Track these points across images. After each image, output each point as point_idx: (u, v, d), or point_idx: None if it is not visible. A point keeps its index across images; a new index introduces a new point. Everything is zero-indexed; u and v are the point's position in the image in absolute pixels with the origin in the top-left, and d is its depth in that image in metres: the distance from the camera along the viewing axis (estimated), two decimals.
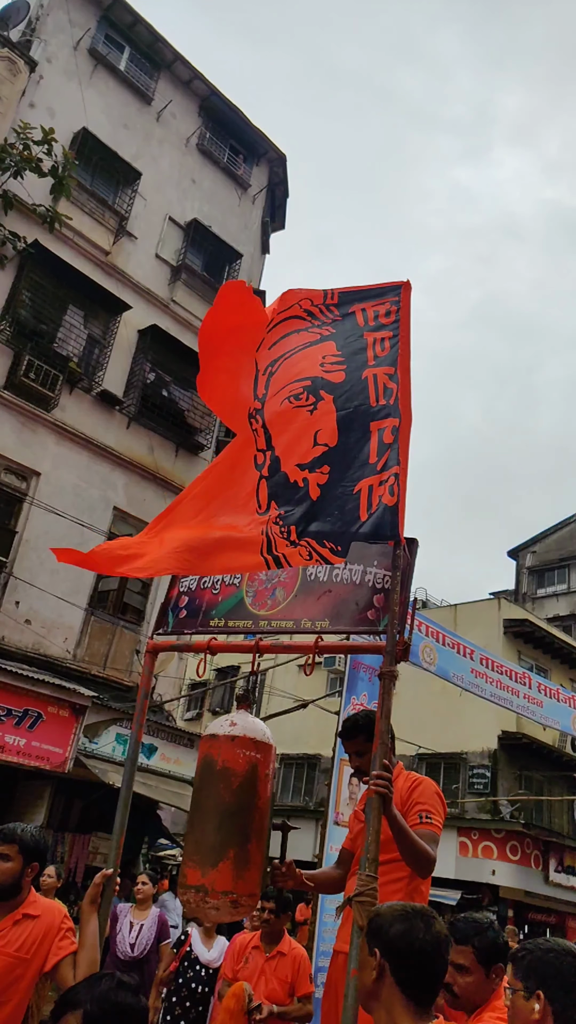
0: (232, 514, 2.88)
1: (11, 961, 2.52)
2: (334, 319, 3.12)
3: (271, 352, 3.13)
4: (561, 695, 12.99)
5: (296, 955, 4.35)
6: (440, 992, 1.78)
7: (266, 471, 2.87)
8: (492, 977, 2.55)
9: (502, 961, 2.59)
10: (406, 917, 1.78)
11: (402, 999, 1.68)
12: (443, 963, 1.73)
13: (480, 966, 2.53)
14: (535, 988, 1.79)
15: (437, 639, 10.87)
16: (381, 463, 2.65)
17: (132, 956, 5.49)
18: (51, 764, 10.17)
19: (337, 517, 2.64)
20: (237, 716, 2.92)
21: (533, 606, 27.86)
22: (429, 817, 2.79)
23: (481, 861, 17.41)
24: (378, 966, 1.74)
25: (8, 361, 11.49)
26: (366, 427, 2.74)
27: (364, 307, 3.07)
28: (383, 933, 1.78)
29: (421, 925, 1.75)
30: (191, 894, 2.65)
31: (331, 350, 2.99)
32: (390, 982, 1.70)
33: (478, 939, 2.54)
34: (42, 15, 13.18)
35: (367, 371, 2.88)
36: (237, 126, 16.09)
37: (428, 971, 1.71)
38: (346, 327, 3.06)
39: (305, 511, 2.70)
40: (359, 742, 3.01)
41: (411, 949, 1.71)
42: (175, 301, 14.24)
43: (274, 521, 2.71)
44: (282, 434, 2.91)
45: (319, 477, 2.74)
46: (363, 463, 2.68)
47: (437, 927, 1.76)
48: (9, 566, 11.09)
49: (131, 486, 12.93)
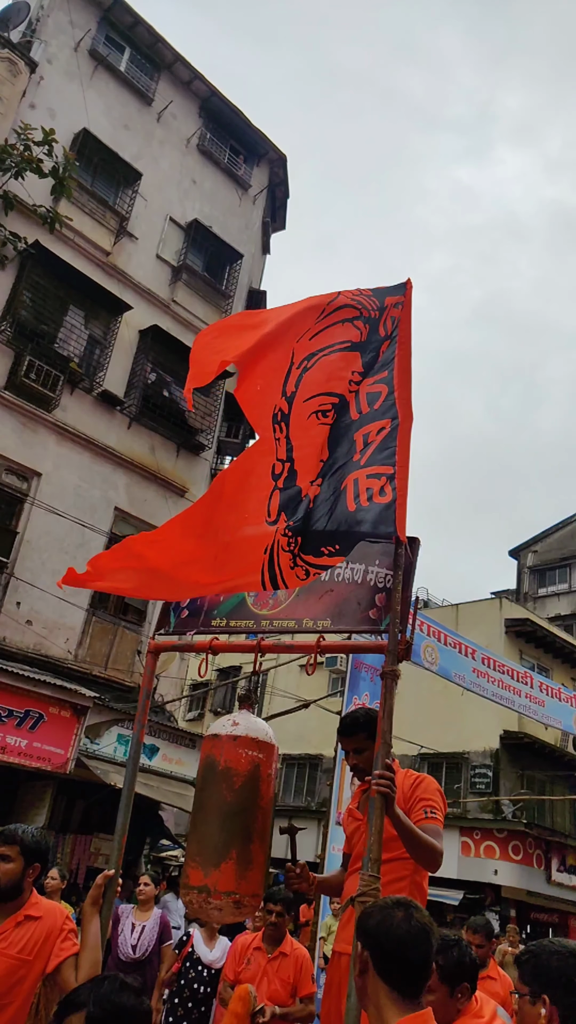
0: (242, 525, 2.83)
1: (13, 963, 2.51)
2: (372, 316, 3.03)
3: (311, 343, 3.02)
4: (563, 694, 13.00)
5: (298, 956, 4.35)
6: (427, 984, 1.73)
7: (281, 483, 2.84)
8: (457, 996, 2.49)
9: (468, 980, 2.51)
10: (384, 908, 1.76)
11: (386, 990, 1.66)
12: (425, 951, 1.68)
13: (443, 984, 2.47)
14: (540, 992, 1.77)
15: (439, 639, 10.89)
16: (364, 459, 2.70)
17: (134, 957, 5.47)
18: (53, 765, 10.16)
19: (330, 519, 2.66)
20: (239, 716, 2.91)
21: (535, 605, 27.84)
22: (433, 812, 2.78)
23: (483, 861, 17.39)
24: (362, 960, 1.72)
25: (9, 361, 11.50)
26: (351, 436, 2.80)
27: (386, 317, 3.00)
28: (363, 926, 1.77)
29: (399, 914, 1.71)
30: (194, 895, 2.64)
31: (357, 365, 2.95)
32: (373, 974, 1.68)
33: (442, 956, 2.45)
34: (43, 16, 13.18)
35: (355, 387, 2.90)
36: (237, 126, 16.09)
37: (408, 960, 1.67)
38: (376, 336, 2.99)
39: (306, 522, 2.71)
40: (359, 739, 2.99)
41: (389, 938, 1.68)
42: (176, 301, 14.25)
43: (283, 532, 2.70)
44: (303, 448, 2.88)
45: (315, 490, 2.76)
46: (347, 462, 2.74)
47: (417, 916, 1.72)
48: (10, 567, 11.09)
49: (132, 486, 12.94)
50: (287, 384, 2.97)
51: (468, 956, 2.54)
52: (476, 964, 2.60)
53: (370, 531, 2.59)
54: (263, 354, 3.00)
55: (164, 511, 13.16)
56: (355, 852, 3.00)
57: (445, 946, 2.49)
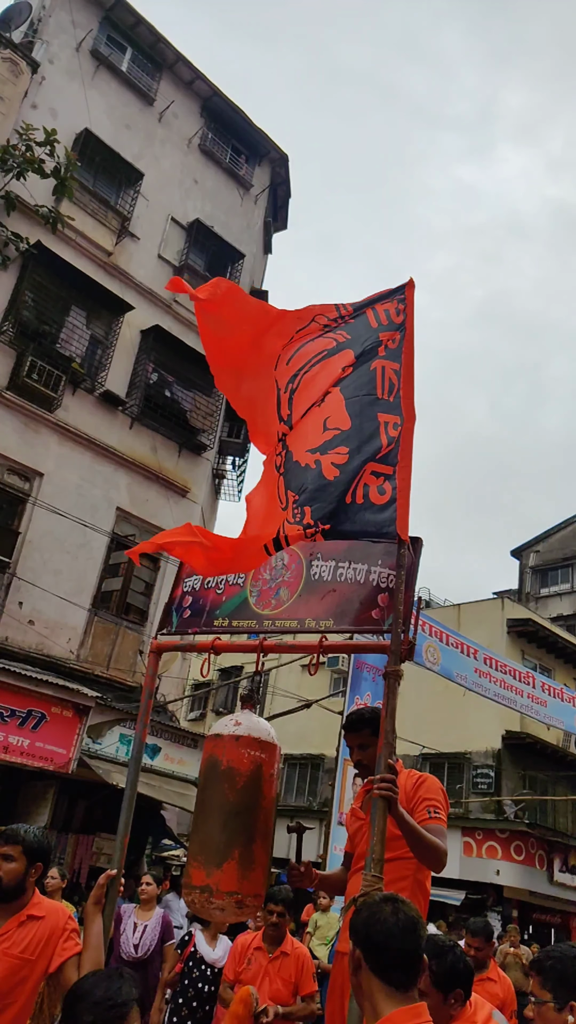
0: (265, 523, 2.85)
1: (16, 963, 2.51)
2: (347, 323, 3.10)
3: (289, 367, 3.10)
4: (565, 694, 13.01)
5: (299, 954, 4.35)
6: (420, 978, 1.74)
7: (282, 468, 2.87)
8: (451, 1002, 2.46)
9: (461, 987, 2.49)
10: (371, 905, 1.78)
11: (379, 984, 1.67)
12: (414, 943, 1.70)
13: (437, 990, 2.45)
14: (567, 998, 1.76)
15: (441, 639, 10.90)
16: (381, 453, 2.71)
17: (136, 957, 5.48)
18: (55, 765, 10.17)
19: (331, 495, 2.67)
20: (241, 716, 2.91)
21: (537, 605, 27.82)
22: (437, 812, 2.78)
23: (485, 861, 17.39)
24: (355, 959, 1.74)
25: (11, 362, 11.50)
26: (375, 416, 2.78)
27: (376, 308, 3.06)
28: (353, 925, 1.79)
29: (387, 908, 1.73)
30: (196, 894, 2.64)
31: (349, 358, 2.97)
32: (366, 970, 1.69)
33: (436, 962, 2.43)
34: (44, 16, 13.19)
35: (376, 362, 2.89)
36: (239, 126, 16.09)
37: (398, 952, 1.68)
38: (359, 328, 3.05)
39: (320, 491, 2.69)
40: (364, 735, 3.00)
41: (379, 932, 1.70)
42: (177, 301, 14.24)
43: (292, 509, 2.71)
44: (298, 433, 2.93)
45: (335, 458, 2.74)
46: (377, 448, 2.72)
47: (405, 909, 1.74)
48: (12, 567, 11.10)
49: (134, 486, 12.94)
50: (280, 409, 3.03)
51: (462, 962, 2.51)
52: (471, 970, 2.56)
53: (365, 531, 2.60)
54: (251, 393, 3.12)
55: (166, 511, 13.17)
56: (358, 851, 3.00)
57: (440, 951, 2.47)
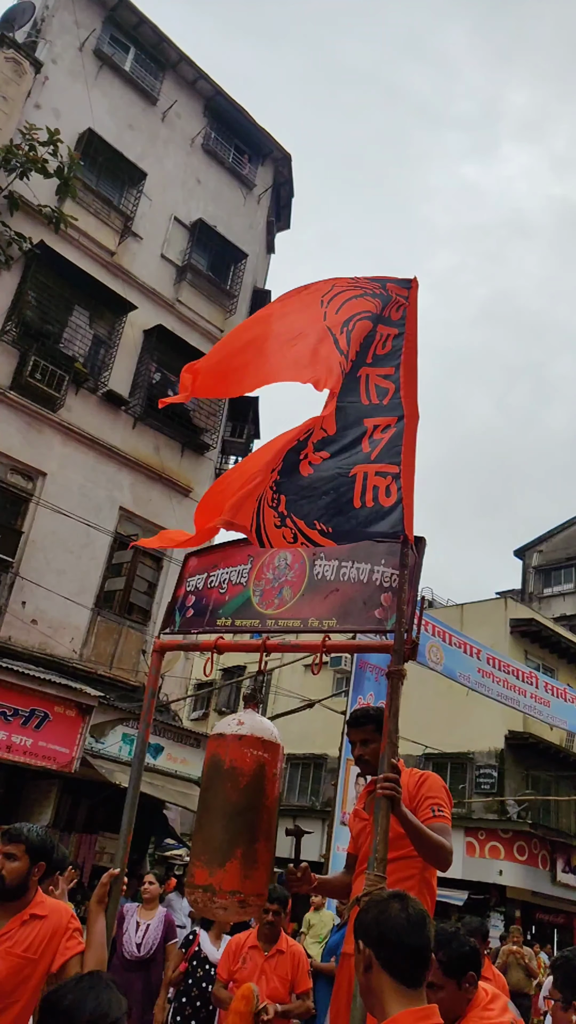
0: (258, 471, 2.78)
1: (19, 961, 2.52)
2: (379, 293, 2.99)
3: (338, 317, 2.94)
4: (568, 694, 12.99)
5: (294, 952, 4.36)
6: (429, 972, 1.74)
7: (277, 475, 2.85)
8: (466, 987, 2.49)
9: (472, 969, 2.52)
10: (379, 902, 1.78)
11: (390, 982, 1.67)
12: (425, 939, 1.71)
13: (449, 979, 2.47)
14: (572, 999, 1.76)
15: (444, 639, 10.89)
16: (374, 454, 2.69)
17: (138, 956, 5.49)
18: (58, 764, 10.18)
19: (333, 500, 2.64)
20: (245, 715, 2.91)
21: (540, 605, 27.79)
22: (441, 810, 2.77)
23: (488, 861, 17.38)
24: (365, 958, 1.74)
25: (14, 361, 11.51)
26: (360, 421, 2.78)
27: (396, 301, 2.98)
28: (361, 923, 1.79)
29: (396, 905, 1.74)
30: (199, 894, 2.64)
31: (367, 327, 2.90)
32: (377, 969, 1.70)
33: (443, 952, 2.45)
34: (47, 16, 13.20)
35: (362, 369, 2.87)
36: (242, 126, 16.08)
37: (410, 948, 1.69)
38: (388, 317, 2.97)
39: (294, 485, 2.68)
40: (367, 731, 3.00)
41: (390, 929, 1.70)
42: (180, 301, 14.25)
43: (270, 485, 2.69)
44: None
45: (314, 458, 2.73)
46: (358, 451, 2.71)
47: (414, 905, 1.75)
48: (16, 566, 11.11)
49: (137, 486, 12.95)
50: (339, 344, 2.86)
51: (468, 945, 2.55)
52: (478, 952, 2.60)
53: (376, 532, 2.59)
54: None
55: (169, 511, 13.17)
56: (362, 852, 3.00)
57: (444, 940, 2.50)
